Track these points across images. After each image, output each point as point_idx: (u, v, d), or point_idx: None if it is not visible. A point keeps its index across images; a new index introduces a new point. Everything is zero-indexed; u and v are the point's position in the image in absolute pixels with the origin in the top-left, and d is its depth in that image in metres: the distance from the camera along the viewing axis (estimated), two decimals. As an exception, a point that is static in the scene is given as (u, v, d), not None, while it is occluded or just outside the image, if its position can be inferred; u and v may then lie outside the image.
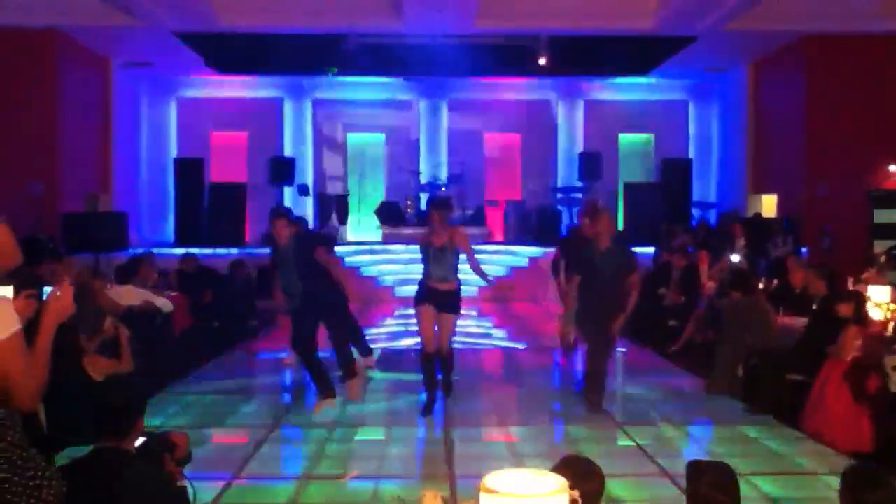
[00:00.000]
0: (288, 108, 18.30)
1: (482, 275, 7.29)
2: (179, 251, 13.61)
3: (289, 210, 8.17)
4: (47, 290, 2.90)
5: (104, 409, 3.31)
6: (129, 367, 6.04)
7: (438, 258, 6.96)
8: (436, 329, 7.07)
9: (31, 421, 3.39)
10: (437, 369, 7.17)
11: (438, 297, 7.01)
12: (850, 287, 7.74)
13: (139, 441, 3.52)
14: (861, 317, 6.55)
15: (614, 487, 4.97)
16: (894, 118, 13.41)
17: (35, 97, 13.19)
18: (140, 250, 12.22)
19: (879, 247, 11.96)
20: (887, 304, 7.28)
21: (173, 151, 18.02)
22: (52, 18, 12.75)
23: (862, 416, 6.07)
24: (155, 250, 12.38)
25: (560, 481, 2.02)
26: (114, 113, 15.55)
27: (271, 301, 8.85)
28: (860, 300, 6.72)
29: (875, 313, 7.05)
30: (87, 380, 4.76)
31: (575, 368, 8.69)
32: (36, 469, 2.55)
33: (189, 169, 16.94)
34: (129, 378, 4.57)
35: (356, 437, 6.68)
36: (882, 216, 13.02)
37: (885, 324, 6.96)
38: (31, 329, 2.63)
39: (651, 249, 12.72)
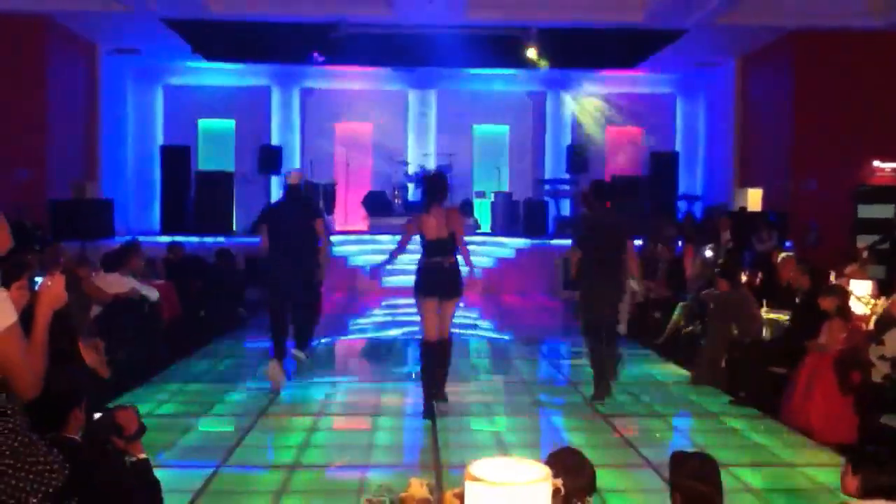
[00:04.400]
0: (276, 97, 18.21)
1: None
2: (165, 239, 13.57)
3: None
4: (38, 279, 2.90)
5: (36, 399, 3.29)
6: (105, 374, 6.04)
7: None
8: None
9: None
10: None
11: None
12: (833, 281, 7.82)
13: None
14: (844, 311, 6.62)
15: (599, 477, 5.00)
16: (880, 114, 13.48)
17: (23, 83, 13.10)
18: (126, 238, 12.18)
19: (862, 242, 12.07)
20: (868, 298, 7.38)
21: (160, 139, 17.93)
22: (40, 4, 12.66)
23: (847, 408, 6.14)
24: (141, 238, 12.33)
25: (544, 470, 2.06)
26: (101, 100, 15.44)
27: (258, 289, 8.79)
28: (843, 294, 6.79)
29: (857, 307, 7.14)
30: (83, 365, 4.74)
31: None
32: (38, 454, 2.57)
33: (175, 157, 16.87)
34: (67, 370, 4.55)
35: (342, 427, 6.71)
36: (866, 211, 13.13)
37: (866, 318, 7.04)
38: (25, 319, 2.63)
39: (638, 242, 12.72)
